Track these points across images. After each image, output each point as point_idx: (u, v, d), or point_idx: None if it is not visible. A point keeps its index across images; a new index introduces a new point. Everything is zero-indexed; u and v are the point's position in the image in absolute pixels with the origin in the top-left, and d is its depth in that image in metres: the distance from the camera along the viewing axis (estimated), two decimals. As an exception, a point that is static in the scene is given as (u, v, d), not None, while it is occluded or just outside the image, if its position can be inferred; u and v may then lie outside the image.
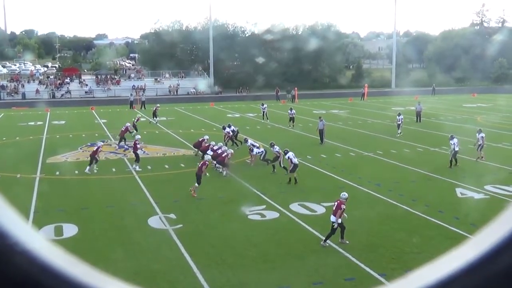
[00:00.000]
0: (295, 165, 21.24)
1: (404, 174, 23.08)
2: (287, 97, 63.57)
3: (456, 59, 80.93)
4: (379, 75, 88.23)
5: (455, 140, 24.02)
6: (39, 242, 0.90)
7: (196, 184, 19.32)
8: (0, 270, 0.84)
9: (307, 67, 77.20)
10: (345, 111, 50.71)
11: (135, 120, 34.51)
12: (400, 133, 33.24)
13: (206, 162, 20.36)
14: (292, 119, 37.95)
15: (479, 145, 25.21)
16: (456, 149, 23.89)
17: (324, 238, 14.26)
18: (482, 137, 25.35)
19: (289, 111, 38.78)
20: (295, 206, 17.86)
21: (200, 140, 26.59)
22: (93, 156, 23.58)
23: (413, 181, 21.83)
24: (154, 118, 41.04)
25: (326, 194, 19.39)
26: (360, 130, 36.64)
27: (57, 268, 0.87)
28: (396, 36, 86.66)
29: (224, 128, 29.93)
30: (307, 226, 15.80)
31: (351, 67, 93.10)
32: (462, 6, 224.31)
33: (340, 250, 13.81)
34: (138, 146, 24.49)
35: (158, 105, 43.81)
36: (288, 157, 21.53)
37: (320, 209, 17.57)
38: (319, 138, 30.86)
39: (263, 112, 43.61)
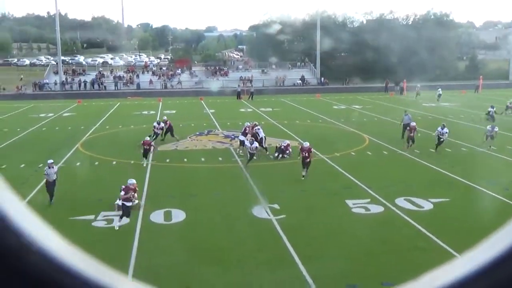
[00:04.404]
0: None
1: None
2: (395, 89, 61.93)
3: None
4: (495, 66, 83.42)
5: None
6: (55, 241, 0.90)
7: None
8: (16, 269, 0.84)
9: (418, 58, 74.54)
10: (455, 104, 48.58)
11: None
12: None
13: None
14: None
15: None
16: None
17: None
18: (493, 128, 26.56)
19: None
20: (401, 201, 17.47)
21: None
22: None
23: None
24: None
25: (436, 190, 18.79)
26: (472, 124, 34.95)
27: (73, 267, 0.85)
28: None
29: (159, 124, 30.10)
30: (413, 222, 15.40)
31: (464, 58, 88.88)
32: None
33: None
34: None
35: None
36: None
37: (427, 205, 17.06)
38: (401, 133, 28.78)
39: None
